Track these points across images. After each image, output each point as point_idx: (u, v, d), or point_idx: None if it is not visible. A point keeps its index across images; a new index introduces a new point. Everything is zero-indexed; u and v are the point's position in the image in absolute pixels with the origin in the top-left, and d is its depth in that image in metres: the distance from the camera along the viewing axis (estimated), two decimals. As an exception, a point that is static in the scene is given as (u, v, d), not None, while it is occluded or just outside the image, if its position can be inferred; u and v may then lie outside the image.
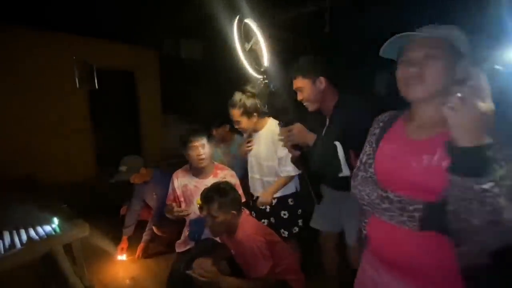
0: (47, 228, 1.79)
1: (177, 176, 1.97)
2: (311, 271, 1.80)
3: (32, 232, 1.74)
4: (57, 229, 1.79)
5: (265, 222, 1.91)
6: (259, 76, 1.47)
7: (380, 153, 0.87)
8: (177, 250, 1.92)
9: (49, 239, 1.72)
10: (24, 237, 1.68)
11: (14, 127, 3.44)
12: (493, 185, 0.57)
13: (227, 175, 1.94)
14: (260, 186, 1.95)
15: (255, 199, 1.95)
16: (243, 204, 1.71)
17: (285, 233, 1.85)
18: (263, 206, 1.88)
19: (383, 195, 0.79)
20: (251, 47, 1.50)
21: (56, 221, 1.84)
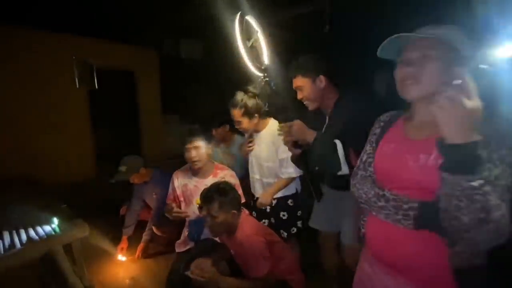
0: (47, 228, 1.79)
1: (177, 175, 1.98)
2: (311, 271, 1.80)
3: (32, 232, 1.74)
4: (57, 229, 1.79)
5: (265, 222, 1.90)
6: (259, 73, 1.46)
7: (379, 152, 0.88)
8: (177, 250, 1.92)
9: (49, 239, 1.72)
10: (24, 237, 1.68)
11: (14, 127, 3.44)
12: (483, 183, 0.58)
13: (227, 175, 1.94)
14: (260, 186, 1.94)
15: (255, 199, 1.94)
16: (243, 204, 1.71)
17: (284, 234, 1.85)
18: (263, 207, 1.88)
19: (380, 193, 0.80)
20: (252, 44, 1.50)
21: (55, 221, 1.84)
